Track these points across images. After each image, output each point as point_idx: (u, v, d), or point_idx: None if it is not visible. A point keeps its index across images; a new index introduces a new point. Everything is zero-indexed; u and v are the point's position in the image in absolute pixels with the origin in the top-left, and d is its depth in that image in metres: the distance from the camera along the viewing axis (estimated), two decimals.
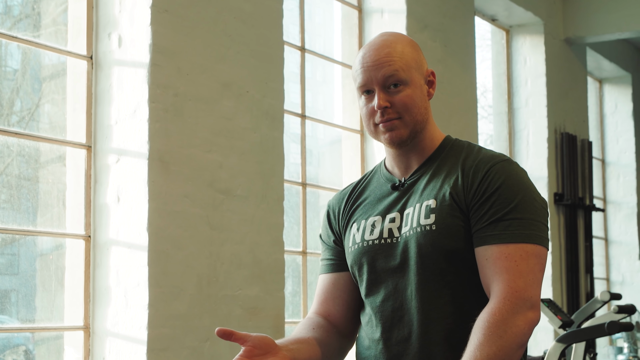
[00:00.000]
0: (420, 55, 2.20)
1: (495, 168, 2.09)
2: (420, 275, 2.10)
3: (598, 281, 9.03)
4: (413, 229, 2.11)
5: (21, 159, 4.11)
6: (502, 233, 2.03)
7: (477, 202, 2.07)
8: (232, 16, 4.44)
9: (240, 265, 4.36)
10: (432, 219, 2.08)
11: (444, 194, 2.10)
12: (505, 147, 7.76)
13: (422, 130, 2.18)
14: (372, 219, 2.20)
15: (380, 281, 2.16)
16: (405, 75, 2.13)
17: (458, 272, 2.09)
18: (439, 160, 2.19)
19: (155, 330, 3.92)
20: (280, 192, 4.66)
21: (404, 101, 2.13)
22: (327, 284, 2.29)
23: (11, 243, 4.16)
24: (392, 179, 2.23)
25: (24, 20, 4.31)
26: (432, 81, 2.20)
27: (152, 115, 3.99)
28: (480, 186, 2.08)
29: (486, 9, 7.41)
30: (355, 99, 5.93)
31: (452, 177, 2.12)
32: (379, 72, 2.13)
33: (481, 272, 2.06)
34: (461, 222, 2.07)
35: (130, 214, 3.97)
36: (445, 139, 2.23)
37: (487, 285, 2.04)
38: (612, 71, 9.42)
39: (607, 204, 9.45)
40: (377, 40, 2.18)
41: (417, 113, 2.15)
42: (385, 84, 2.13)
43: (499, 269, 2.01)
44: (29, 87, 4.33)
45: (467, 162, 2.13)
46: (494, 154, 2.14)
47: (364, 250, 2.19)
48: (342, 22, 6.05)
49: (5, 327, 4.07)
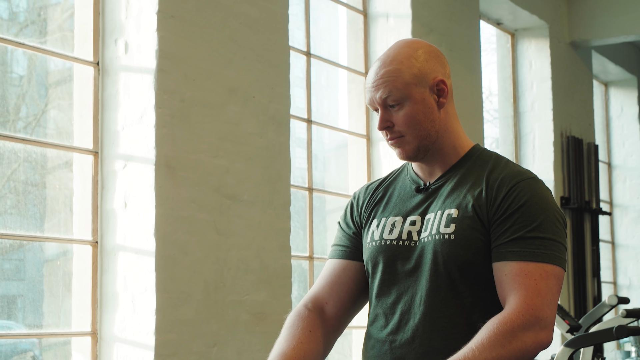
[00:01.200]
0: (427, 65, 2.17)
1: (520, 185, 2.10)
2: (432, 282, 2.10)
3: (605, 285, 9.01)
4: (432, 235, 2.12)
5: (28, 165, 4.12)
6: (523, 250, 2.03)
7: (500, 217, 2.07)
8: (238, 22, 4.44)
9: (247, 271, 4.36)
10: (451, 228, 2.09)
11: (466, 204, 2.11)
12: (511, 151, 7.75)
13: (436, 141, 2.18)
14: (392, 218, 2.20)
15: (393, 282, 2.17)
16: (401, 94, 2.13)
17: (470, 284, 2.09)
18: (464, 169, 2.19)
19: (163, 336, 3.91)
20: (287, 197, 4.66)
21: (403, 120, 2.14)
22: (337, 268, 2.27)
23: (18, 249, 4.16)
24: (417, 181, 2.24)
25: (30, 26, 4.31)
26: (443, 89, 2.18)
27: (159, 120, 3.99)
28: (503, 202, 2.08)
29: (491, 13, 7.41)
30: (360, 104, 5.93)
31: (477, 189, 2.13)
32: (377, 93, 2.16)
33: (499, 286, 2.06)
34: (480, 235, 2.08)
35: (137, 220, 3.97)
36: (473, 148, 2.24)
37: (504, 299, 2.04)
38: (617, 74, 9.41)
39: (614, 207, 9.44)
40: (381, 57, 2.20)
41: (421, 129, 2.15)
42: (385, 104, 2.16)
43: (517, 284, 2.02)
44: (35, 93, 4.34)
45: (492, 175, 2.14)
46: (521, 170, 2.15)
47: (381, 249, 2.19)
48: (348, 27, 6.05)
49: (12, 333, 4.07)
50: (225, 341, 4.20)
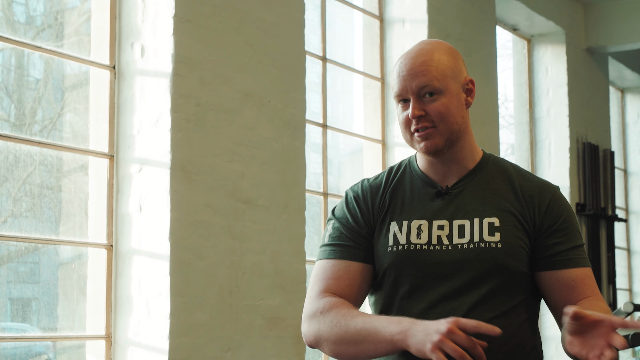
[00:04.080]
0: (459, 63, 2.19)
1: (557, 195, 2.22)
2: (475, 289, 2.10)
3: (621, 292, 8.96)
4: (474, 243, 2.12)
5: (43, 168, 4.13)
6: (578, 258, 2.18)
7: (550, 227, 2.18)
8: (254, 26, 4.44)
9: (262, 275, 4.35)
10: (497, 237, 2.13)
11: (507, 213, 2.15)
12: (527, 157, 7.72)
13: (459, 139, 2.18)
14: (417, 221, 2.16)
15: (425, 287, 2.13)
16: (440, 84, 2.13)
17: (514, 291, 2.14)
18: (483, 174, 2.21)
19: (177, 340, 3.91)
20: (302, 201, 4.66)
21: (438, 110, 2.12)
22: (354, 271, 2.17)
23: (33, 252, 4.17)
24: (432, 183, 2.21)
25: (47, 30, 4.32)
26: (471, 89, 2.21)
27: (174, 124, 3.99)
28: (548, 212, 2.18)
29: (507, 19, 7.39)
30: (376, 109, 5.92)
31: (509, 197, 2.18)
32: (414, 81, 2.13)
33: (563, 291, 2.16)
34: (523, 244, 2.15)
35: (152, 224, 3.97)
36: (484, 154, 2.26)
37: (573, 301, 2.15)
38: (634, 80, 9.37)
39: (630, 214, 9.39)
40: (414, 49, 2.18)
41: (453, 122, 2.14)
42: (420, 93, 2.13)
43: (589, 287, 2.17)
44: (51, 96, 4.35)
45: (524, 185, 2.21)
46: (545, 180, 2.28)
47: (409, 253, 2.14)
48: (363, 32, 6.05)
49: (26, 336, 4.08)
50: (239, 346, 4.19)
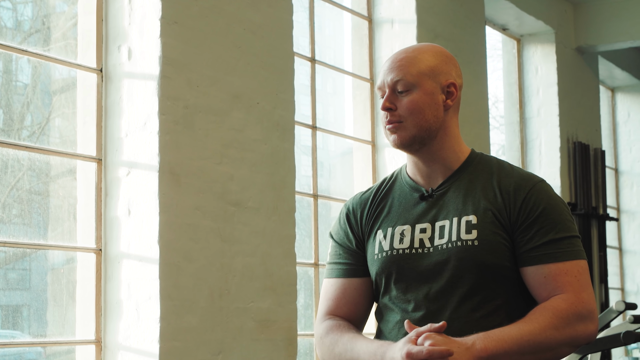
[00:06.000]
0: (445, 65, 2.22)
1: (536, 189, 2.16)
2: (457, 289, 2.12)
3: (613, 291, 8.97)
4: (452, 242, 2.14)
5: (32, 173, 4.11)
6: (556, 252, 2.11)
7: (523, 222, 2.13)
8: (242, 28, 4.43)
9: (252, 278, 4.34)
10: (473, 234, 2.12)
11: (484, 210, 2.15)
12: (518, 157, 7.73)
13: (433, 138, 2.20)
14: (400, 227, 2.21)
15: (410, 290, 2.17)
16: (413, 79, 2.17)
17: (496, 287, 2.13)
18: (468, 174, 2.21)
19: (167, 344, 3.90)
20: (292, 203, 4.64)
21: (406, 105, 2.17)
22: (348, 288, 2.27)
23: (22, 258, 4.15)
24: (417, 188, 2.24)
25: (35, 34, 4.31)
26: (452, 92, 2.22)
27: (163, 127, 3.98)
28: (523, 207, 2.14)
29: (497, 19, 7.39)
30: (365, 110, 5.91)
31: (489, 193, 2.17)
32: (390, 75, 2.19)
33: (537, 288, 2.12)
34: (502, 240, 2.13)
35: (141, 227, 3.96)
36: (472, 153, 2.27)
37: (545, 299, 2.10)
38: (624, 80, 9.39)
39: (621, 213, 9.40)
40: (404, 48, 2.25)
41: (422, 119, 2.17)
42: (394, 88, 2.19)
43: (561, 283, 2.09)
44: (39, 101, 4.33)
45: (504, 180, 2.18)
46: (529, 174, 2.22)
47: (393, 258, 2.19)
48: (352, 33, 6.04)
49: (17, 342, 4.06)
50: (230, 349, 4.18)
